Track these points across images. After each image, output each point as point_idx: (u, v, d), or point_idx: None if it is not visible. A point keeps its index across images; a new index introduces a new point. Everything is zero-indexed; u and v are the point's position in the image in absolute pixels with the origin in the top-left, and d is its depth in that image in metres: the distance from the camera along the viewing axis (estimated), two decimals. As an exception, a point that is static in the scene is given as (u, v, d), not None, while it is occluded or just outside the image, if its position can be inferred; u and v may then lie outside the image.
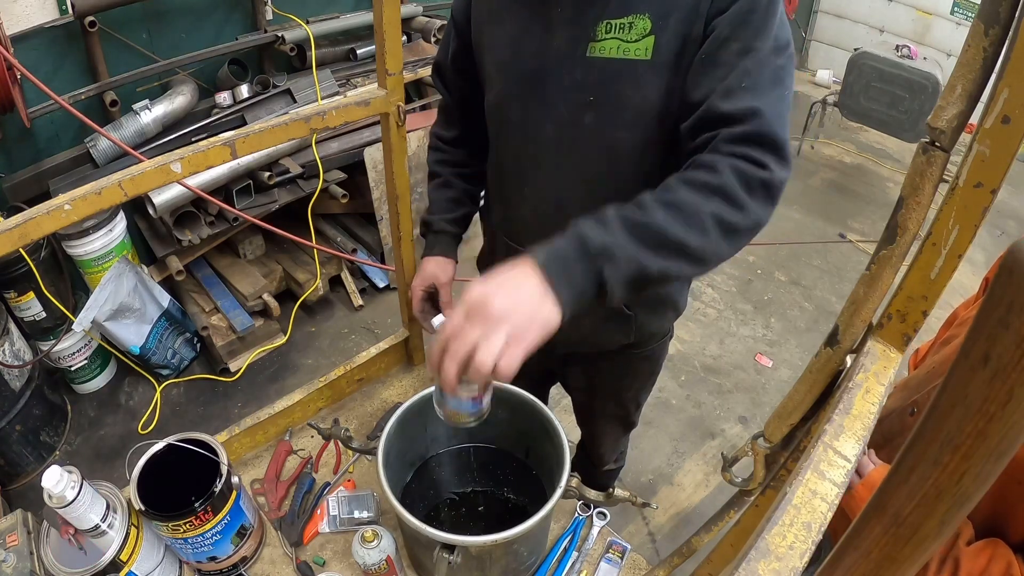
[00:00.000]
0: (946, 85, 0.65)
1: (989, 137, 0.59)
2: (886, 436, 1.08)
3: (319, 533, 1.23)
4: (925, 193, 0.70)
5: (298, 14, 2.79)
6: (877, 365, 0.76)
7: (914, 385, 1.09)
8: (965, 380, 0.28)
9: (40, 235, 0.86)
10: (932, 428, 0.31)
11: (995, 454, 0.29)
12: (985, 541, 0.83)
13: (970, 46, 0.61)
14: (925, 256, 0.70)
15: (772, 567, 0.57)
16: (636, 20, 0.90)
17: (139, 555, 1.01)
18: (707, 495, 2.30)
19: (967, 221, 0.65)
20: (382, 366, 1.56)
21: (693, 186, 0.78)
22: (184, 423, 2.50)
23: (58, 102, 1.92)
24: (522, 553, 1.10)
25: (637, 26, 0.90)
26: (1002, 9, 0.58)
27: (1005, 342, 0.25)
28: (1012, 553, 0.81)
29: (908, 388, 1.11)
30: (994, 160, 0.60)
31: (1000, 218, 3.99)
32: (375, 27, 1.06)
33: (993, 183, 0.61)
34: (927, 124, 0.67)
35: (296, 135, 1.05)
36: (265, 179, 2.53)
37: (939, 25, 4.87)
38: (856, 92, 4.10)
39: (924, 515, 0.33)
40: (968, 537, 0.85)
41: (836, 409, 0.71)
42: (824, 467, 0.66)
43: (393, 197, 1.28)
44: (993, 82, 0.59)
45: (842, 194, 4.20)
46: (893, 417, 1.08)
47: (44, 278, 2.20)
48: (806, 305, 3.22)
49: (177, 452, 1.06)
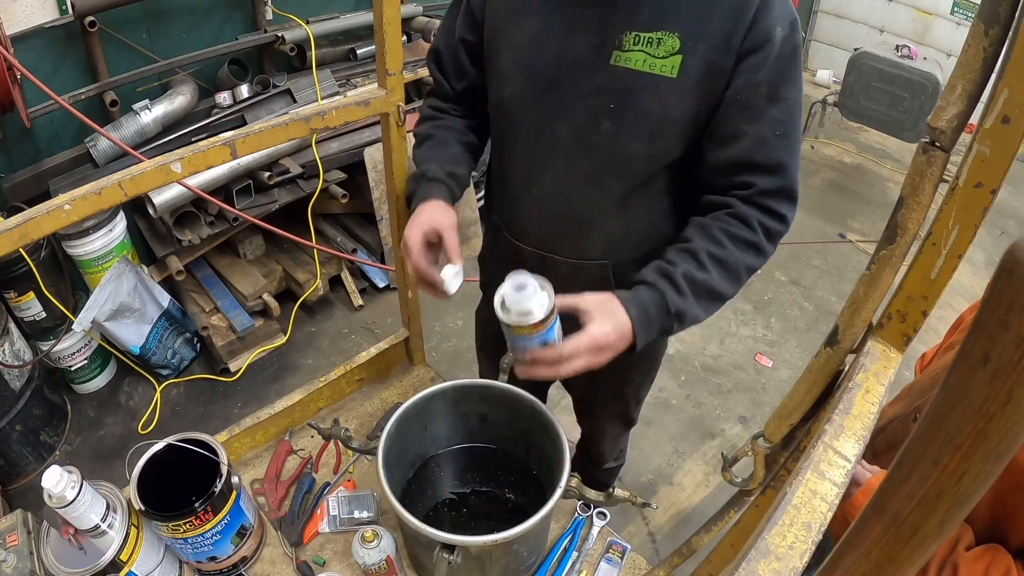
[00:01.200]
0: (946, 85, 0.65)
1: (989, 137, 0.59)
2: (890, 442, 1.08)
3: (319, 533, 1.23)
4: (925, 193, 0.70)
5: (298, 14, 2.79)
6: (877, 365, 0.76)
7: (917, 391, 1.09)
8: (965, 380, 0.28)
9: (40, 235, 0.86)
10: (932, 428, 0.31)
11: (995, 454, 0.29)
12: (984, 547, 0.83)
13: (970, 46, 0.61)
14: (925, 256, 0.70)
15: (772, 567, 0.57)
16: (665, 37, 0.91)
17: (139, 555, 1.01)
18: (707, 495, 2.30)
19: (967, 221, 0.65)
20: (382, 366, 1.56)
21: (736, 242, 0.95)
22: (184, 423, 2.50)
23: (58, 102, 1.92)
24: (522, 553, 1.10)
25: (666, 43, 0.91)
26: (1002, 9, 0.58)
27: (1005, 342, 0.25)
28: (1011, 559, 0.81)
29: (912, 394, 1.11)
30: (994, 160, 0.60)
31: (1000, 218, 3.99)
32: (375, 27, 1.06)
33: (993, 183, 0.61)
34: (927, 124, 0.67)
35: (296, 135, 1.05)
36: (265, 179, 2.52)
37: (939, 25, 4.86)
38: (856, 92, 4.10)
39: (924, 515, 0.33)
40: (968, 542, 0.85)
41: (836, 409, 0.71)
42: (824, 467, 0.66)
43: (393, 197, 1.28)
44: (993, 82, 0.59)
45: (842, 194, 4.20)
46: (896, 423, 1.08)
47: (44, 278, 2.20)
48: (806, 305, 3.21)
49: (177, 452, 1.06)
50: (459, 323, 3.03)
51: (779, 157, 0.93)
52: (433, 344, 2.88)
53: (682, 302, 0.91)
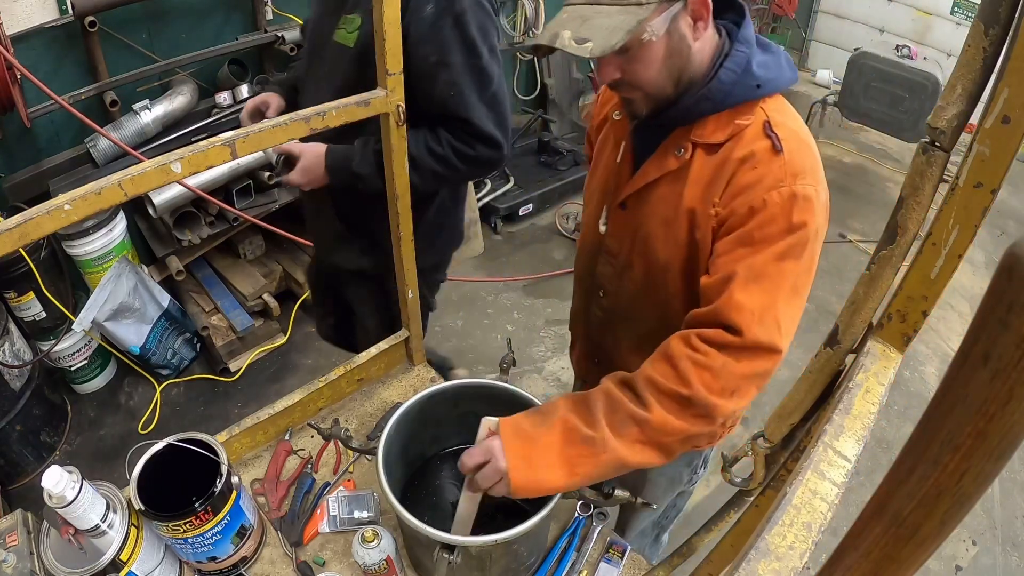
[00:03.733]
0: (946, 85, 0.65)
1: (989, 137, 0.59)
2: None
3: (319, 533, 1.23)
4: (925, 193, 0.70)
5: (298, 14, 2.79)
6: (877, 365, 0.76)
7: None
8: (965, 380, 0.28)
9: (40, 235, 0.86)
10: (932, 428, 0.31)
11: (995, 454, 0.29)
12: None
13: (970, 46, 0.61)
14: (925, 256, 0.70)
15: (772, 567, 0.57)
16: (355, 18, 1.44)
17: (139, 555, 1.01)
18: (707, 495, 2.30)
19: (967, 221, 0.65)
20: (382, 366, 1.56)
21: (421, 145, 1.45)
22: (184, 423, 2.50)
23: (58, 102, 1.92)
24: (522, 553, 1.10)
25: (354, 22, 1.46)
26: (1002, 9, 0.58)
27: (1005, 342, 0.25)
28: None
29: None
30: (994, 160, 0.60)
31: (1000, 218, 3.99)
32: (375, 27, 1.06)
33: (993, 183, 0.61)
34: (927, 124, 0.67)
35: (296, 135, 1.05)
36: (265, 179, 2.52)
37: (939, 25, 4.86)
38: (856, 92, 4.10)
39: (924, 515, 0.33)
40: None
41: (836, 409, 0.71)
42: (824, 467, 0.66)
43: (393, 197, 1.28)
44: (993, 82, 0.59)
45: (842, 194, 4.20)
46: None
47: (44, 278, 2.20)
48: (806, 305, 3.21)
49: (177, 452, 1.06)
50: (459, 323, 3.03)
51: (460, 112, 1.38)
52: (433, 344, 2.88)
53: (361, 166, 1.44)
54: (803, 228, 0.91)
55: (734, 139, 0.97)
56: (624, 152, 1.12)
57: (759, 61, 0.96)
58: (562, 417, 0.95)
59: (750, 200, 0.92)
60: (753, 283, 0.91)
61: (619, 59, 0.94)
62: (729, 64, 0.96)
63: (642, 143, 1.09)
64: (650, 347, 0.97)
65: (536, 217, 3.79)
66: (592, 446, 0.92)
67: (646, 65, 0.94)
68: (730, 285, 0.92)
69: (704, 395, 0.89)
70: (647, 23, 0.88)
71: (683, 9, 0.91)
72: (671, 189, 1.03)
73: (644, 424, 0.91)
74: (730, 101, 0.96)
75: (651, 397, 0.91)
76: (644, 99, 0.99)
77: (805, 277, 0.96)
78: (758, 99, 0.96)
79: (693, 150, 1.00)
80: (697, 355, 0.91)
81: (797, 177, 0.91)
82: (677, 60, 0.94)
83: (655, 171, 1.04)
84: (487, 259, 3.48)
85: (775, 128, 0.94)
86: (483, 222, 3.55)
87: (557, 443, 0.93)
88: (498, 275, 3.36)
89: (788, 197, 0.90)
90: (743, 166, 0.94)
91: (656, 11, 0.89)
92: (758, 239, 0.92)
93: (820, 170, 0.96)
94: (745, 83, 0.95)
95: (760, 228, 0.92)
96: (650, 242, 1.09)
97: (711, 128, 0.98)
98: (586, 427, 0.93)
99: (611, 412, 0.93)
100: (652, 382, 0.92)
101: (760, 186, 0.92)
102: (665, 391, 0.91)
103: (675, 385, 0.90)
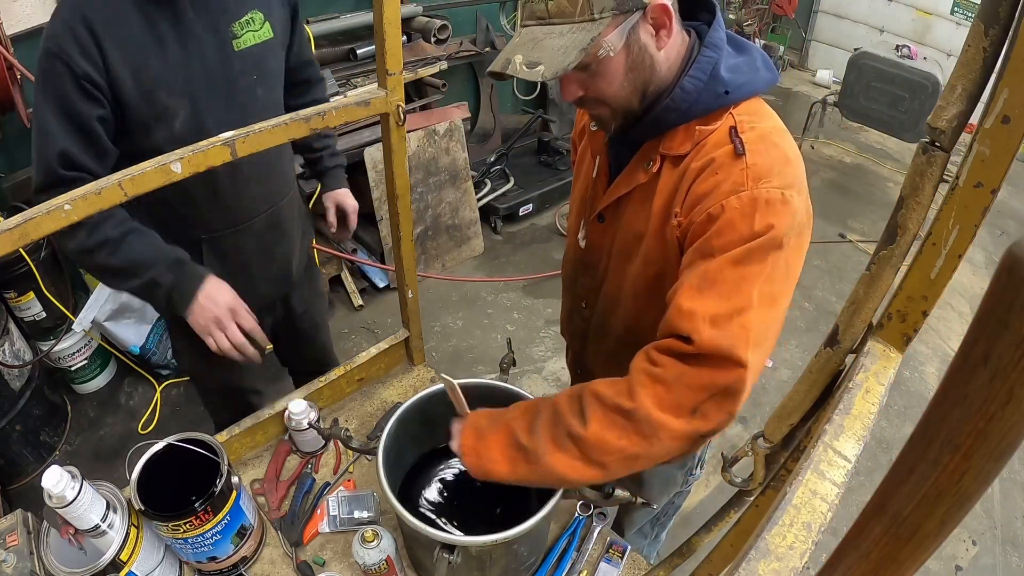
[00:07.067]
0: (946, 85, 0.65)
1: (989, 137, 0.59)
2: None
3: (319, 533, 1.23)
4: (925, 193, 0.70)
5: (298, 14, 2.78)
6: (877, 365, 0.76)
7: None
8: (965, 380, 0.28)
9: (40, 235, 0.86)
10: (932, 428, 0.31)
11: (995, 454, 0.29)
12: None
13: (970, 46, 0.61)
14: (925, 256, 0.70)
15: (772, 567, 0.57)
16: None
17: (139, 555, 1.01)
18: (707, 495, 2.30)
19: (967, 221, 0.65)
20: (382, 366, 1.56)
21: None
22: (184, 423, 2.50)
23: (58, 102, 1.91)
24: (522, 553, 1.10)
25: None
26: (1002, 9, 0.58)
27: (1005, 342, 0.25)
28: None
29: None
30: (994, 160, 0.60)
31: (1000, 218, 3.99)
32: (375, 27, 1.06)
33: (993, 183, 0.61)
34: (927, 124, 0.67)
35: (296, 135, 1.05)
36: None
37: (939, 25, 4.87)
38: (856, 92, 4.11)
39: (924, 515, 0.33)
40: None
41: (836, 409, 0.71)
42: (824, 467, 0.66)
43: (393, 197, 1.28)
44: (993, 82, 0.59)
45: (842, 194, 4.20)
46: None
47: (44, 278, 2.20)
48: (806, 305, 3.22)
49: (177, 452, 1.06)
50: (459, 323, 3.03)
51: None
52: (433, 344, 2.88)
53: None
54: (767, 232, 0.84)
55: (696, 148, 0.93)
56: (600, 164, 1.10)
57: (729, 65, 0.92)
58: (507, 422, 0.97)
59: (707, 207, 0.88)
60: (707, 289, 0.85)
61: (580, 76, 0.90)
62: (694, 71, 0.91)
63: (616, 156, 1.07)
64: (624, 363, 0.93)
65: (536, 217, 3.79)
66: (526, 454, 0.92)
67: (608, 81, 0.90)
68: (679, 292, 0.88)
69: (648, 410, 0.84)
70: (602, 38, 0.84)
71: (642, 19, 0.86)
72: (642, 204, 1.00)
73: (579, 441, 0.88)
74: (697, 109, 0.92)
75: (592, 412, 0.87)
76: (612, 114, 0.96)
77: (781, 285, 0.88)
78: (728, 105, 0.92)
79: (661, 163, 0.96)
80: (654, 368, 0.86)
81: (760, 180, 0.86)
82: (640, 72, 0.90)
83: (625, 185, 1.02)
84: (487, 259, 3.48)
85: (741, 132, 0.89)
86: (483, 222, 3.56)
87: (500, 443, 0.95)
88: (498, 275, 3.36)
89: (748, 201, 0.85)
90: (701, 174, 0.90)
91: (611, 25, 0.84)
92: (716, 247, 0.86)
93: (794, 171, 0.90)
94: (712, 89, 0.91)
95: (718, 235, 0.86)
96: (623, 256, 1.07)
97: (680, 139, 0.94)
98: (524, 436, 0.93)
99: (553, 425, 0.91)
100: (599, 396, 0.88)
101: (718, 192, 0.87)
102: (609, 405, 0.87)
103: (619, 399, 0.86)
